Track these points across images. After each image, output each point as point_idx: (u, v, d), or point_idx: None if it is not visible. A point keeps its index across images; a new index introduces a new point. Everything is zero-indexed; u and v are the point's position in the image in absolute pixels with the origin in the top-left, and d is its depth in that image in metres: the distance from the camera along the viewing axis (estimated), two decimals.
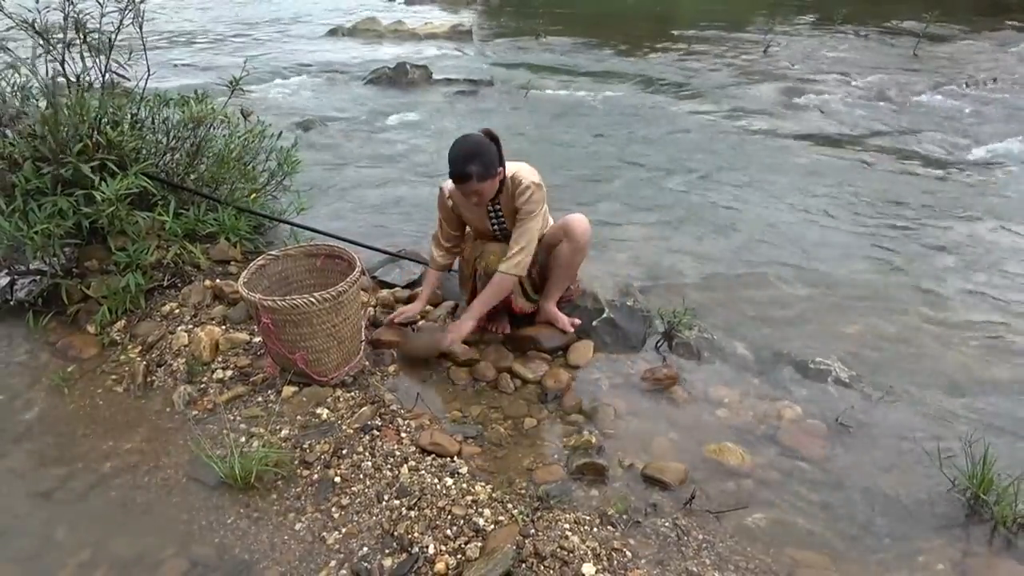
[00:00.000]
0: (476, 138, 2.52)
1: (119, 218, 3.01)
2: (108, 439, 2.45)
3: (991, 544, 2.04)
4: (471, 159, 2.46)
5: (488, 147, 2.50)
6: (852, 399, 2.67)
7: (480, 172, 2.47)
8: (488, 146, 2.50)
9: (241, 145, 3.84)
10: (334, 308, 2.46)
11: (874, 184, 5.16)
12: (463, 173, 2.47)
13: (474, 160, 2.46)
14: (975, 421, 2.56)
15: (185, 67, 8.71)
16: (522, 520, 1.98)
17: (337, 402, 2.52)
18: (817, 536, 2.05)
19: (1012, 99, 7.50)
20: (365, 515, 2.05)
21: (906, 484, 2.26)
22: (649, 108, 7.27)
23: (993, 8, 13.38)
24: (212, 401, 2.57)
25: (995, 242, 4.21)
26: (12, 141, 3.05)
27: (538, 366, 2.77)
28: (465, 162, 2.46)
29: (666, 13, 14.31)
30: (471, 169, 2.46)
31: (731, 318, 3.27)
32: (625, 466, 2.27)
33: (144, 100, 3.50)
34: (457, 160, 2.47)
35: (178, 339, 2.89)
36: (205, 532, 2.05)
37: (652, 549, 1.94)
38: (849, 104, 7.39)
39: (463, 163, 2.46)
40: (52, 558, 1.99)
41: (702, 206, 4.70)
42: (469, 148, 2.48)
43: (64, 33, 3.14)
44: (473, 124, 6.61)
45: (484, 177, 2.49)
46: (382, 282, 3.42)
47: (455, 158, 2.47)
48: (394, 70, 8.27)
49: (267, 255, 2.77)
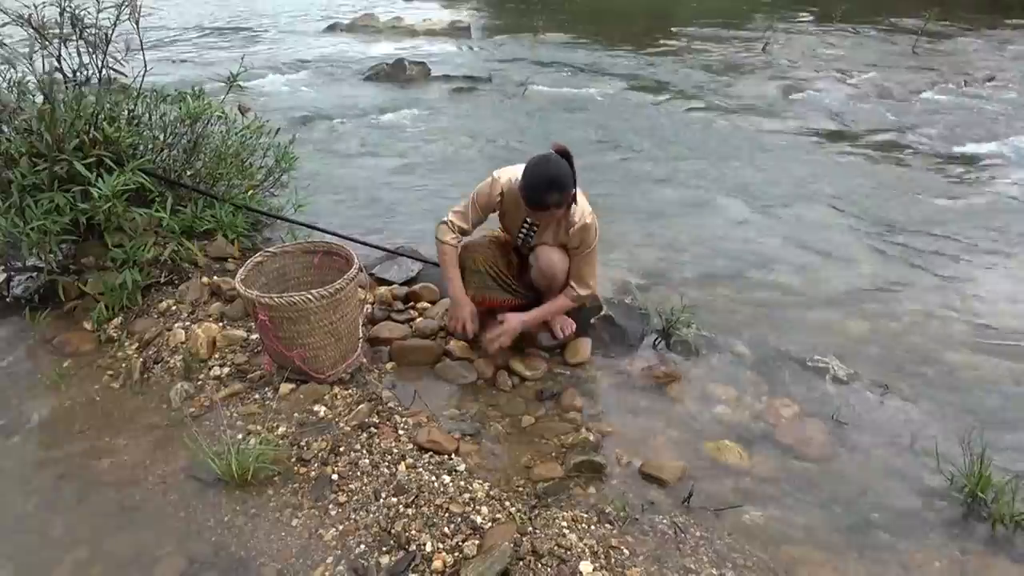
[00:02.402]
0: (555, 162, 2.37)
1: (116, 214, 3.00)
2: (105, 436, 2.44)
3: (988, 542, 2.04)
4: (552, 188, 2.35)
5: (567, 172, 2.38)
6: (850, 397, 2.68)
7: (559, 201, 2.38)
8: (566, 170, 2.38)
9: (239, 141, 3.83)
10: (332, 305, 2.45)
11: (873, 182, 5.16)
12: (542, 203, 2.37)
13: (555, 189, 2.35)
14: (973, 420, 2.56)
15: (182, 63, 8.68)
16: (520, 518, 1.98)
17: (335, 399, 2.52)
18: (815, 533, 2.05)
19: (1011, 97, 7.50)
20: (362, 512, 2.05)
21: (904, 482, 2.26)
22: (647, 105, 7.26)
23: (992, 6, 13.39)
24: (209, 398, 2.57)
25: (994, 241, 4.21)
26: (8, 137, 3.03)
27: (536, 364, 2.77)
28: (547, 191, 2.35)
29: (665, 10, 14.29)
30: (551, 199, 2.36)
31: (729, 316, 3.27)
32: (623, 464, 2.27)
33: (141, 96, 3.49)
34: (538, 188, 2.35)
35: (175, 336, 2.88)
36: (202, 529, 2.04)
37: (650, 546, 1.94)
38: (848, 102, 7.39)
39: (544, 193, 2.35)
40: (49, 555, 1.99)
41: (700, 203, 4.70)
42: (551, 176, 2.35)
43: (61, 28, 3.13)
44: (471, 121, 6.61)
45: (562, 204, 2.41)
46: (380, 279, 3.41)
47: (535, 185, 2.35)
48: (392, 66, 8.24)
49: (264, 252, 2.76)
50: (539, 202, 2.38)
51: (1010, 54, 9.61)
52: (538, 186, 2.36)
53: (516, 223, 2.69)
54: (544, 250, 2.63)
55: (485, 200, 2.62)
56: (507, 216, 2.73)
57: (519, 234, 2.70)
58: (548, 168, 2.37)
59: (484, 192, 2.62)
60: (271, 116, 5.25)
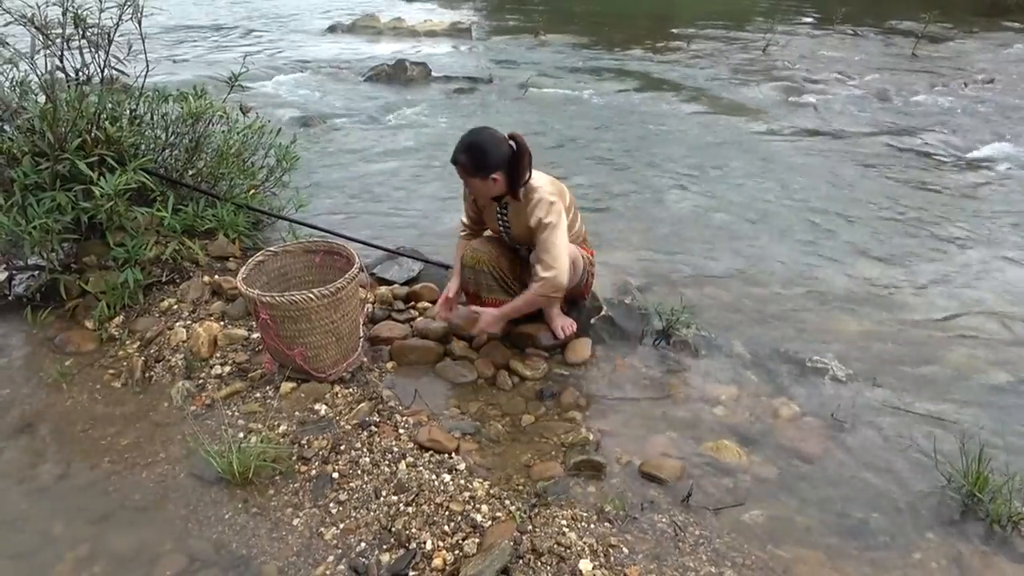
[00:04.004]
0: (487, 134, 2.54)
1: (118, 214, 3.01)
2: (106, 434, 2.45)
3: (986, 542, 2.05)
4: (466, 149, 2.49)
5: (494, 146, 2.49)
6: (849, 397, 2.68)
7: (468, 166, 2.50)
8: (495, 146, 2.49)
9: (240, 141, 3.84)
10: (332, 304, 2.46)
11: (872, 184, 5.17)
12: (454, 159, 2.52)
13: (469, 151, 2.49)
14: (971, 420, 2.57)
15: (184, 63, 8.69)
16: (520, 516, 1.99)
17: (335, 398, 2.53)
18: (813, 533, 2.06)
19: (1010, 99, 7.52)
20: (363, 511, 2.05)
21: (902, 482, 2.27)
22: (648, 106, 7.28)
23: (991, 9, 13.42)
24: (210, 397, 2.58)
25: (993, 242, 4.22)
26: (11, 136, 3.05)
27: (536, 364, 2.78)
28: (460, 150, 2.50)
29: (666, 12, 14.32)
30: (460, 158, 2.50)
31: (729, 316, 3.28)
32: (622, 463, 2.28)
33: (143, 95, 3.50)
34: (457, 146, 2.51)
35: (176, 335, 2.89)
36: (203, 527, 2.05)
37: (649, 545, 1.94)
38: (848, 104, 7.41)
39: (458, 150, 2.51)
40: (50, 553, 1.99)
41: (700, 204, 4.71)
42: (471, 140, 2.51)
43: (63, 28, 3.14)
44: (472, 121, 6.59)
45: (472, 172, 2.51)
46: (381, 279, 3.42)
47: (458, 143, 2.51)
48: (393, 67, 8.26)
49: (266, 251, 2.77)
50: (453, 157, 2.52)
51: (1009, 56, 9.63)
52: (458, 144, 2.51)
53: (491, 216, 2.77)
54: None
55: (465, 193, 2.81)
56: (485, 211, 2.81)
57: (499, 226, 2.77)
58: (474, 134, 2.54)
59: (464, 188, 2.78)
60: (272, 116, 5.28)
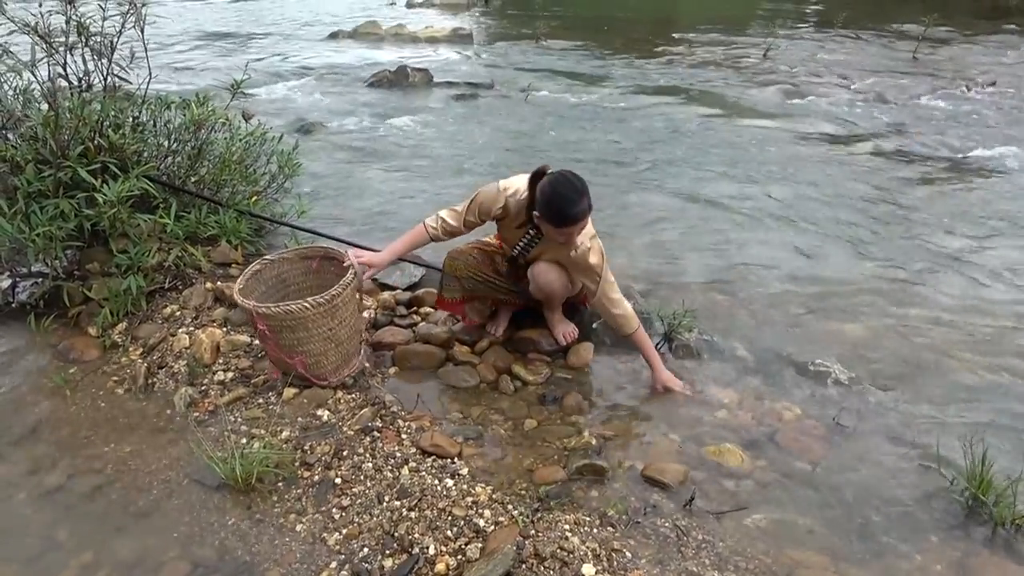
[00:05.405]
0: (571, 175, 2.40)
1: (120, 220, 3.02)
2: (109, 441, 2.46)
3: (990, 545, 2.04)
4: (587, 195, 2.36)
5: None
6: (851, 400, 2.68)
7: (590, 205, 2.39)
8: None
9: (242, 148, 3.85)
10: (329, 312, 2.46)
11: (874, 187, 5.16)
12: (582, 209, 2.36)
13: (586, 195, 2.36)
14: (974, 422, 2.56)
15: (187, 70, 8.72)
16: (522, 521, 1.99)
17: (338, 404, 2.53)
18: (816, 537, 2.05)
19: (1012, 102, 7.51)
20: (366, 516, 2.06)
21: (905, 485, 2.26)
22: (649, 111, 7.28)
23: (992, 12, 13.42)
24: (213, 403, 2.58)
25: (994, 244, 4.22)
26: (14, 144, 3.06)
27: (538, 368, 2.78)
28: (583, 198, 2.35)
29: (666, 16, 14.34)
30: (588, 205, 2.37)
31: (731, 320, 3.28)
32: (625, 467, 2.28)
33: (146, 103, 3.52)
34: (572, 196, 2.35)
35: (179, 341, 2.90)
36: (206, 533, 2.05)
37: (652, 549, 1.94)
38: (849, 107, 7.41)
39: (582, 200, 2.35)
40: (54, 559, 2.00)
41: (701, 208, 4.71)
42: (582, 186, 2.36)
43: (66, 36, 3.16)
44: (474, 127, 6.63)
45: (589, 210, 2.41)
46: (383, 284, 3.42)
47: (576, 199, 2.34)
48: (395, 73, 8.28)
49: (262, 260, 2.75)
50: (579, 213, 2.37)
51: (1011, 59, 9.62)
52: (581, 198, 2.35)
53: (515, 235, 2.70)
54: (542, 268, 2.66)
55: (488, 207, 2.62)
56: (506, 227, 2.74)
57: (517, 245, 2.72)
58: (576, 179, 2.38)
59: (489, 198, 2.61)
60: (274, 123, 5.30)
